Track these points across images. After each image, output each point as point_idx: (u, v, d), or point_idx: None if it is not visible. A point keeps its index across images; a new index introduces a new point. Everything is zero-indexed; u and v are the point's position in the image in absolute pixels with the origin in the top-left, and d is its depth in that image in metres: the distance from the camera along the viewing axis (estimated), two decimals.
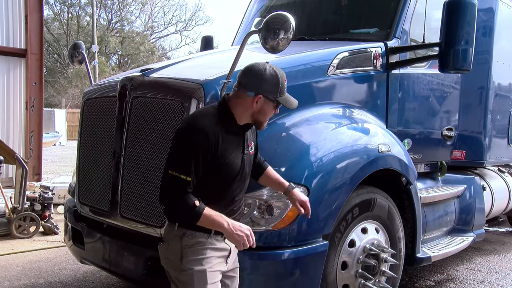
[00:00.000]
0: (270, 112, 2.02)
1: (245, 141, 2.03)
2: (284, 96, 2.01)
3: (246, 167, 2.04)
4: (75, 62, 3.37)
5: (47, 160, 13.47)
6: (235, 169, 1.98)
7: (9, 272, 4.14)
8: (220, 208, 1.94)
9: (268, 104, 1.99)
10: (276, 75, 1.98)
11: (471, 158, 4.31)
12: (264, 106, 1.98)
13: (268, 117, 2.04)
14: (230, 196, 2.02)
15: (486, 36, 4.28)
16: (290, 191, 2.23)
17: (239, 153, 2.00)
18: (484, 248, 5.20)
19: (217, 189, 1.97)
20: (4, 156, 5.75)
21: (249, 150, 2.07)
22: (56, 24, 35.77)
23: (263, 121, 2.03)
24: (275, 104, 2.00)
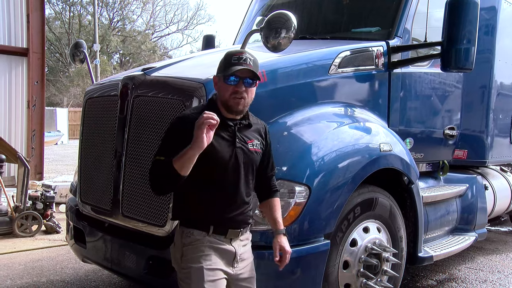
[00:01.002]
0: (225, 88, 1.95)
1: (236, 134, 1.99)
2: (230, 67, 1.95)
3: (240, 161, 1.99)
4: (76, 61, 3.38)
5: (49, 159, 13.50)
6: (222, 159, 1.94)
7: (11, 271, 4.15)
8: (212, 198, 1.94)
9: (220, 81, 1.99)
10: (226, 54, 2.01)
11: (473, 158, 4.30)
12: (219, 85, 1.99)
13: (229, 95, 1.94)
14: (222, 186, 1.97)
15: (488, 35, 4.27)
16: (280, 234, 2.14)
17: (228, 145, 1.97)
18: (486, 248, 5.19)
19: (205, 177, 1.94)
20: (6, 155, 5.77)
21: (247, 146, 2.03)
22: (57, 23, 35.82)
23: (226, 99, 1.96)
24: (222, 78, 1.96)
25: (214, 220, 1.97)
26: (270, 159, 2.22)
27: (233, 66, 1.94)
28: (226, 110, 1.99)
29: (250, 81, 1.98)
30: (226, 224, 2.00)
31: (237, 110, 1.99)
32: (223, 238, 1.98)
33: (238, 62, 1.95)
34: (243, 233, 2.07)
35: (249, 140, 2.05)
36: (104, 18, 36.83)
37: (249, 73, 1.96)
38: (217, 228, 1.97)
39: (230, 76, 1.95)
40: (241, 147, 2.01)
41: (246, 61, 1.96)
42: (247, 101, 2.00)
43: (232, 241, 2.01)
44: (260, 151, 2.10)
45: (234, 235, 2.02)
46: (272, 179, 2.24)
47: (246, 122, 2.07)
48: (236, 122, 2.03)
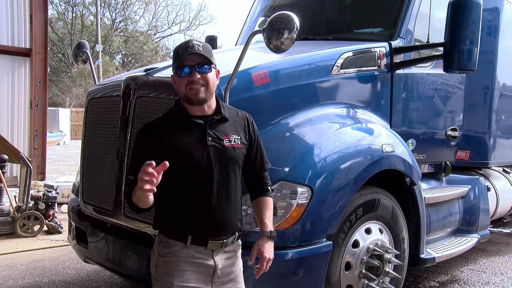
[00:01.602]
0: (180, 82, 1.84)
1: (206, 132, 1.84)
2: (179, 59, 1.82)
3: (214, 160, 1.82)
4: (79, 61, 3.38)
5: (51, 159, 13.52)
6: (192, 161, 1.79)
7: (13, 271, 4.16)
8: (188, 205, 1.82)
9: (175, 76, 1.87)
10: (174, 50, 1.89)
11: (475, 159, 4.29)
12: (175, 81, 1.88)
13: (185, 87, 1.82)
14: (197, 191, 1.82)
15: (491, 36, 4.26)
16: (264, 237, 1.99)
17: (198, 145, 1.82)
18: (489, 249, 5.18)
19: (179, 183, 1.82)
20: (8, 155, 5.78)
21: (222, 143, 1.85)
22: (60, 24, 35.91)
23: (184, 93, 1.83)
24: (176, 73, 1.85)
25: (192, 229, 1.82)
26: (258, 153, 2.03)
27: (181, 57, 1.81)
28: (189, 104, 1.84)
29: (205, 66, 1.82)
30: (205, 234, 1.83)
31: (199, 99, 1.82)
32: (203, 250, 1.83)
33: (186, 51, 1.81)
34: (228, 244, 1.88)
35: (224, 136, 1.87)
36: (106, 19, 36.94)
37: (199, 58, 1.81)
38: (195, 239, 1.82)
39: (180, 68, 1.82)
40: (214, 145, 1.84)
41: (194, 48, 1.81)
42: (209, 87, 1.83)
43: (214, 254, 1.85)
44: (241, 146, 1.91)
45: (216, 247, 1.84)
46: (263, 176, 2.07)
47: (218, 117, 1.89)
48: (207, 118, 1.87)
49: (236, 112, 2.00)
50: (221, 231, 1.86)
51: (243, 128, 1.96)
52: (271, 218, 2.04)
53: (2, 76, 7.98)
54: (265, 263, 1.97)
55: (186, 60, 1.81)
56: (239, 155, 1.90)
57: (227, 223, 1.87)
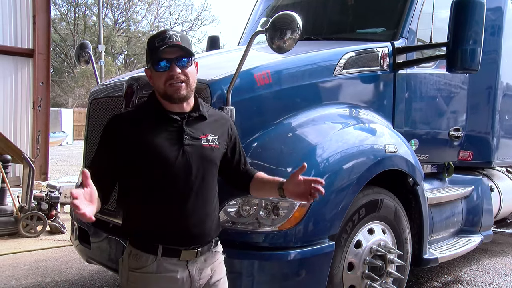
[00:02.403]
0: (158, 77, 1.67)
1: (183, 129, 1.68)
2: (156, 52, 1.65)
3: (191, 160, 1.66)
4: (81, 62, 3.39)
5: (54, 160, 13.56)
6: (166, 161, 1.63)
7: (16, 271, 4.17)
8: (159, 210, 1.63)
9: (152, 71, 1.70)
10: (148, 39, 1.73)
11: (478, 159, 4.27)
12: (152, 75, 1.71)
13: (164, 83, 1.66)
14: (171, 194, 1.65)
15: (494, 36, 4.24)
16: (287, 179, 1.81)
17: (174, 143, 1.65)
18: (492, 250, 5.16)
19: (149, 185, 1.66)
20: (11, 155, 5.80)
21: (200, 142, 1.70)
22: (63, 24, 36.01)
23: (163, 90, 1.67)
24: (152, 67, 1.68)
25: (163, 238, 1.64)
26: (239, 153, 1.93)
27: (159, 50, 1.63)
28: (169, 101, 1.68)
29: (185, 60, 1.66)
30: (177, 243, 1.66)
31: (180, 96, 1.66)
32: (176, 261, 1.65)
33: (162, 43, 1.64)
34: (204, 252, 1.71)
35: (202, 135, 1.72)
36: (109, 19, 37.01)
37: (180, 50, 1.65)
38: (167, 249, 1.64)
39: (158, 61, 1.65)
40: (191, 144, 1.68)
41: (172, 39, 1.64)
42: (190, 84, 1.68)
43: (188, 264, 1.68)
44: (219, 147, 1.77)
45: (190, 256, 1.67)
46: (249, 170, 1.97)
47: (196, 114, 1.74)
48: (184, 115, 1.71)
49: (215, 111, 1.90)
50: (196, 239, 1.69)
51: (221, 129, 1.83)
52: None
53: (5, 77, 8.01)
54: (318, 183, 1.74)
55: (164, 53, 1.64)
56: (216, 155, 1.77)
57: (202, 230, 1.70)
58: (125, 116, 1.75)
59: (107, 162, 1.66)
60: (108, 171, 1.67)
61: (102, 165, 1.67)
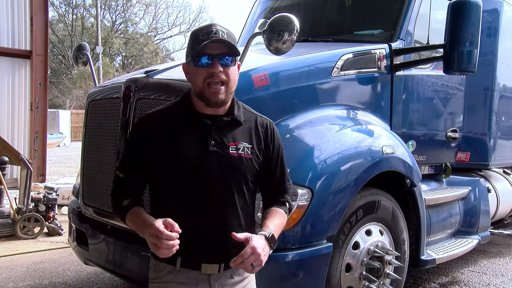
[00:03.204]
0: (196, 73, 1.53)
1: (210, 134, 1.54)
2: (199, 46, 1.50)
3: (213, 170, 1.52)
4: (79, 63, 3.39)
5: (51, 161, 13.52)
6: (187, 167, 1.51)
7: (13, 273, 4.16)
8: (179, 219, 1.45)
9: (190, 66, 1.57)
10: (192, 32, 1.59)
11: (475, 160, 4.29)
12: (190, 71, 1.58)
13: (203, 80, 1.52)
14: (190, 204, 1.53)
15: (491, 37, 4.26)
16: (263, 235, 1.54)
17: (199, 149, 1.53)
18: (490, 251, 5.17)
19: (169, 192, 1.56)
20: (9, 157, 5.79)
21: (227, 150, 1.55)
22: (60, 26, 35.97)
23: (200, 89, 1.53)
24: (192, 61, 1.55)
25: (182, 249, 1.45)
26: (278, 167, 1.70)
27: (202, 43, 1.49)
28: (204, 103, 1.54)
29: (229, 58, 1.52)
30: (197, 255, 1.53)
31: (217, 100, 1.52)
32: (196, 274, 1.53)
33: (207, 37, 1.49)
34: (230, 268, 1.53)
35: (231, 143, 1.56)
36: (106, 21, 36.99)
37: (224, 47, 1.51)
38: (185, 261, 1.52)
39: (200, 56, 1.50)
40: (216, 152, 1.53)
41: (218, 34, 1.50)
42: (230, 86, 1.54)
43: (211, 279, 1.54)
44: (251, 157, 1.58)
45: (212, 271, 1.54)
46: (282, 192, 1.73)
47: (229, 118, 1.58)
48: (216, 118, 1.56)
49: (254, 116, 1.69)
50: (219, 254, 1.54)
51: (258, 136, 1.64)
52: (277, 226, 1.64)
53: (2, 78, 7.99)
54: (248, 251, 1.44)
55: (208, 47, 1.49)
56: (247, 167, 1.58)
57: (227, 245, 1.52)
58: (153, 115, 1.63)
59: (139, 163, 1.57)
60: (141, 172, 1.59)
61: (134, 167, 1.59)
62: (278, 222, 1.65)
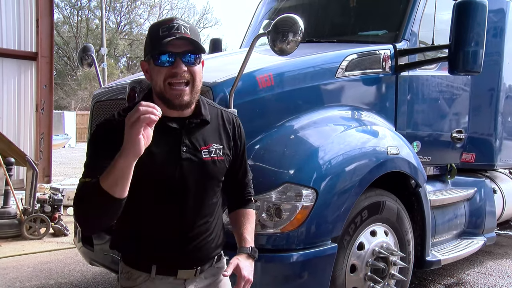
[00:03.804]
0: (157, 72, 1.40)
1: (181, 140, 1.45)
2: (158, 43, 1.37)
3: (188, 177, 1.45)
4: (84, 64, 3.41)
5: (57, 162, 13.60)
6: (160, 176, 1.42)
7: (20, 273, 4.19)
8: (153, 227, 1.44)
9: (150, 64, 1.43)
10: (150, 26, 1.47)
11: (481, 161, 4.27)
12: (150, 70, 1.45)
13: (163, 81, 1.40)
14: (165, 211, 1.45)
15: (497, 37, 4.24)
16: (243, 254, 1.60)
17: (170, 156, 1.43)
18: (496, 252, 5.14)
19: (142, 200, 1.44)
20: (15, 158, 5.83)
21: (200, 155, 1.46)
22: (66, 27, 36.18)
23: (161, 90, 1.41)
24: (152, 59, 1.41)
25: (157, 258, 1.46)
26: (242, 163, 1.67)
27: (163, 40, 1.36)
28: (167, 107, 1.41)
29: (192, 56, 1.39)
30: (173, 263, 1.48)
31: (182, 103, 1.40)
32: (172, 280, 1.48)
33: (168, 33, 1.36)
34: (205, 270, 1.55)
35: (203, 146, 1.48)
36: (111, 22, 37.18)
37: (188, 45, 1.38)
38: (161, 269, 1.47)
39: (160, 54, 1.38)
40: (189, 158, 1.44)
41: (180, 29, 1.37)
42: (195, 86, 1.42)
43: (186, 283, 1.51)
44: (223, 158, 1.53)
45: (188, 275, 1.51)
46: (246, 186, 1.72)
47: (197, 120, 1.48)
48: (183, 122, 1.45)
49: (219, 112, 1.58)
50: (195, 260, 1.51)
51: (227, 134, 1.57)
52: (252, 233, 1.67)
53: (8, 80, 8.05)
54: (242, 283, 1.54)
55: (170, 45, 1.36)
56: (219, 170, 1.52)
57: (202, 251, 1.51)
58: (113, 122, 1.43)
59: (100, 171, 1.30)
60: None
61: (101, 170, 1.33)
62: (252, 227, 1.68)
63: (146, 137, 1.21)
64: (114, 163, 1.22)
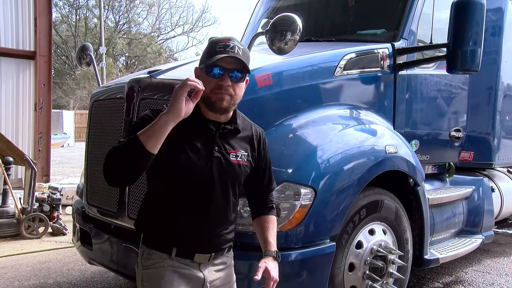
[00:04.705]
0: (207, 81, 1.59)
1: (215, 140, 1.66)
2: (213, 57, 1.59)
3: (215, 174, 1.65)
4: (83, 64, 3.40)
5: (55, 161, 13.58)
6: (192, 169, 1.61)
7: (19, 272, 4.18)
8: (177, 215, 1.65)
9: (202, 73, 1.65)
10: (210, 40, 1.68)
11: (479, 159, 4.28)
12: (201, 77, 1.63)
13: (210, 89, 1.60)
14: (190, 202, 1.65)
15: (495, 36, 4.25)
16: (269, 257, 1.81)
17: (203, 153, 1.63)
18: (494, 250, 5.16)
19: (170, 189, 1.65)
20: (13, 157, 5.82)
21: (228, 157, 1.68)
22: (64, 26, 36.11)
23: (207, 95, 1.59)
24: (204, 69, 1.63)
25: (178, 241, 1.67)
26: (267, 172, 1.89)
27: (217, 55, 1.58)
28: (207, 107, 1.64)
29: (238, 74, 1.62)
30: (192, 247, 1.69)
31: (221, 107, 1.62)
32: (189, 262, 1.68)
33: (223, 50, 1.59)
34: (217, 257, 1.75)
35: (232, 150, 1.70)
36: (110, 21, 37.11)
37: (237, 64, 1.61)
38: (180, 251, 1.67)
39: (213, 67, 1.60)
40: (219, 158, 1.66)
41: (234, 50, 1.60)
42: (234, 99, 1.64)
43: (201, 266, 1.71)
44: (247, 164, 1.74)
45: (203, 260, 1.71)
46: (269, 194, 1.94)
47: (231, 127, 1.71)
48: (220, 126, 1.68)
49: (250, 125, 1.82)
50: (213, 246, 1.72)
51: (252, 144, 1.79)
52: (275, 237, 1.88)
53: (7, 79, 8.03)
54: (271, 284, 1.77)
55: (222, 60, 1.59)
56: (242, 173, 1.74)
57: (219, 240, 1.73)
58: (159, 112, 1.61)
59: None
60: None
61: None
62: (275, 232, 1.90)
63: (187, 106, 1.46)
64: (155, 120, 1.45)
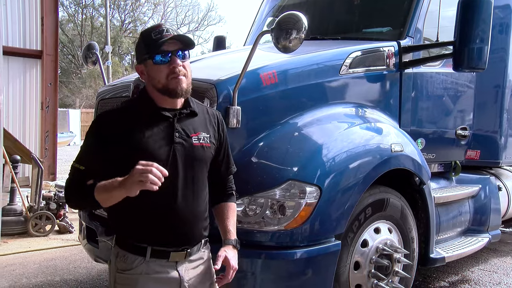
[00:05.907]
0: (157, 70, 1.61)
1: (174, 126, 1.63)
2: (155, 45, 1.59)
3: (180, 160, 1.62)
4: (89, 62, 3.42)
5: (62, 160, 13.64)
6: (154, 157, 1.54)
7: (26, 269, 4.22)
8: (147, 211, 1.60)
9: (148, 65, 1.64)
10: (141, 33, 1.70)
11: (486, 158, 4.25)
12: (147, 72, 1.65)
13: (166, 77, 1.60)
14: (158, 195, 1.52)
15: (502, 34, 4.21)
16: (229, 245, 1.79)
17: (164, 142, 1.61)
18: (500, 249, 5.12)
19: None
20: (20, 155, 5.87)
21: (190, 141, 1.65)
22: (70, 25, 36.28)
23: (164, 84, 1.61)
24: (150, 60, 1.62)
25: (151, 240, 1.61)
26: (225, 155, 1.85)
27: (159, 41, 1.58)
28: (169, 96, 1.62)
29: (185, 53, 1.64)
30: (167, 245, 1.63)
31: (182, 90, 1.61)
32: (165, 263, 1.63)
33: (161, 36, 1.59)
34: (193, 253, 1.69)
35: (193, 133, 1.67)
36: (116, 20, 37.21)
37: (178, 43, 1.62)
38: (155, 251, 1.61)
39: (159, 53, 1.59)
40: (181, 143, 1.63)
41: (170, 32, 1.61)
42: (188, 78, 1.65)
43: (178, 265, 1.65)
44: (210, 145, 1.72)
45: (179, 258, 1.65)
46: (228, 179, 1.90)
47: (187, 111, 1.69)
48: (176, 112, 1.66)
49: (205, 109, 1.81)
50: (185, 240, 1.66)
51: (212, 126, 1.77)
52: (235, 225, 1.86)
53: (14, 78, 8.09)
54: (231, 272, 1.75)
55: (166, 45, 1.59)
56: (207, 155, 1.72)
57: (192, 232, 1.67)
58: (113, 113, 1.70)
59: (101, 157, 1.59)
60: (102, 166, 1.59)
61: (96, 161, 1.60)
62: (235, 220, 1.88)
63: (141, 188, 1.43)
64: (111, 189, 1.48)
